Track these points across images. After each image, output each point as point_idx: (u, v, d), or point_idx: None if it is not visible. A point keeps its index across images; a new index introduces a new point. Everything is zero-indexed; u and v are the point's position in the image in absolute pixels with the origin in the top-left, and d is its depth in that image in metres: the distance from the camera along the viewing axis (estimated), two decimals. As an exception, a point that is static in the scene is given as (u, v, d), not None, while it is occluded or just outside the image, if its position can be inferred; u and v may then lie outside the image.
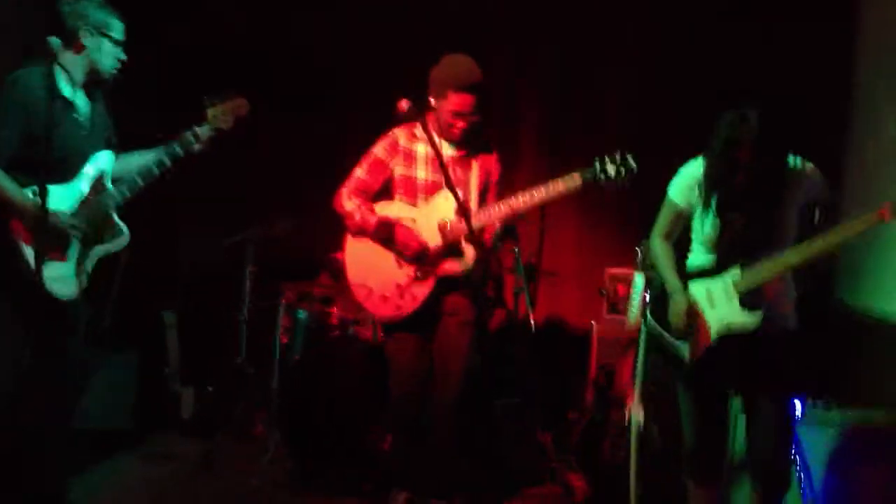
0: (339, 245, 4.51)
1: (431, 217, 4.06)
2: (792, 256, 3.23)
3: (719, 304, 3.38)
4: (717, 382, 3.48)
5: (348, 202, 4.13)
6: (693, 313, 3.41)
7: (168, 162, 3.77)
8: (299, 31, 6.07)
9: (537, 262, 5.66)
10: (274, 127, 5.85)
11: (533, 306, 5.33)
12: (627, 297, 4.81)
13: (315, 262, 5.73)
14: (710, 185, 3.35)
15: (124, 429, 5.21)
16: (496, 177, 4.25)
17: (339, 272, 5.51)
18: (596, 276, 5.42)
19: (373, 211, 4.11)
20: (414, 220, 4.07)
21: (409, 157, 4.15)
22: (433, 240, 4.04)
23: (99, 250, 3.69)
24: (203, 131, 3.85)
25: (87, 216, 3.60)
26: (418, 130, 4.11)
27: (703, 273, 3.45)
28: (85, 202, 3.62)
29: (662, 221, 3.60)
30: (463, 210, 3.72)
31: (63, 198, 3.55)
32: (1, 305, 3.55)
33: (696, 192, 3.43)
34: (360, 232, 4.12)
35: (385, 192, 4.22)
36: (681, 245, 3.62)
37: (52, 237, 3.48)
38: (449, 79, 3.98)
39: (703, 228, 3.44)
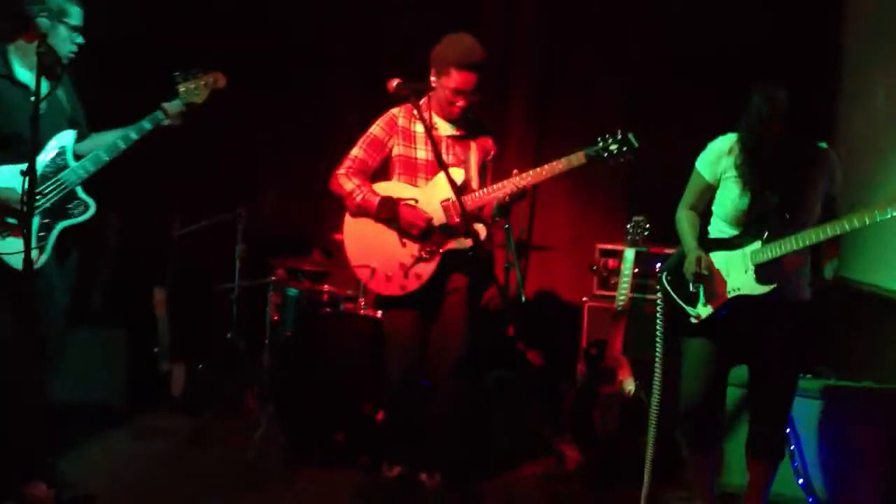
0: (335, 225, 4.52)
1: (434, 196, 4.05)
2: (811, 236, 3.29)
3: (734, 273, 3.46)
4: (728, 338, 3.53)
5: (348, 182, 4.11)
6: (709, 265, 3.48)
7: (135, 136, 3.82)
8: (285, 4, 6.03)
9: (528, 238, 5.70)
10: (261, 103, 5.84)
11: (524, 281, 5.37)
12: (618, 272, 4.83)
13: (306, 239, 5.74)
14: (744, 156, 3.44)
15: (115, 405, 5.23)
16: (491, 156, 4.28)
17: (332, 253, 5.57)
18: (586, 252, 5.43)
19: (373, 191, 4.09)
20: (416, 200, 4.06)
21: (409, 137, 4.14)
22: (437, 218, 4.04)
23: (62, 224, 3.76)
24: (173, 106, 3.89)
25: (44, 193, 3.66)
26: (416, 110, 4.08)
27: (722, 245, 3.54)
28: (43, 179, 3.68)
29: (689, 194, 3.71)
30: (456, 189, 3.73)
31: (18, 177, 3.55)
32: None
33: (722, 166, 3.53)
34: (362, 212, 4.10)
35: (380, 171, 4.22)
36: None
37: (4, 215, 3.61)
38: (452, 56, 3.98)
39: (731, 201, 3.51)
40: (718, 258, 3.51)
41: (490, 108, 5.10)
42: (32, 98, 3.62)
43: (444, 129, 4.15)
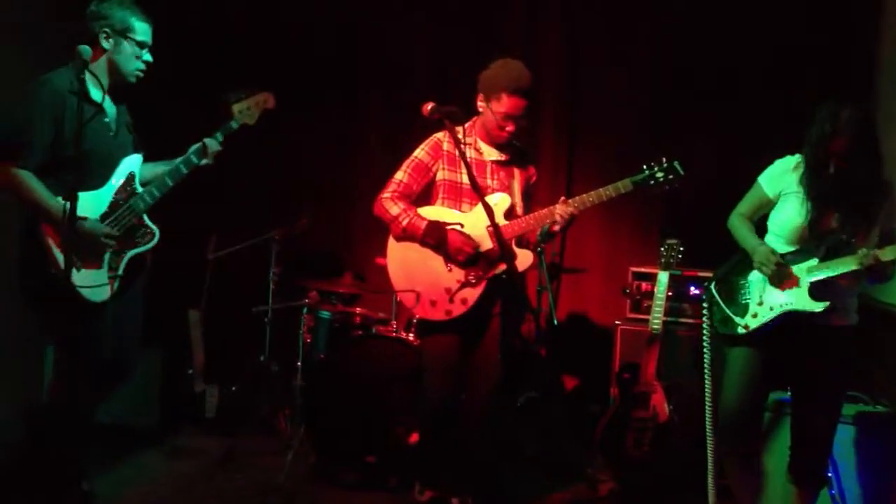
0: (372, 248, 4.54)
1: (479, 221, 4.03)
2: (869, 257, 3.27)
3: (788, 288, 3.44)
4: (773, 355, 3.52)
5: (393, 206, 4.09)
6: (781, 260, 3.47)
7: (196, 160, 3.80)
8: (321, 31, 6.10)
9: (560, 261, 5.68)
10: (296, 128, 5.90)
11: (556, 304, 5.35)
12: (651, 296, 4.80)
13: (339, 262, 5.77)
14: (808, 174, 3.45)
15: (149, 425, 5.27)
16: (533, 181, 4.31)
17: (364, 276, 5.60)
18: (619, 275, 5.40)
19: (419, 215, 4.08)
20: (461, 225, 4.05)
21: (454, 162, 4.13)
22: (483, 244, 4.04)
23: (131, 253, 3.71)
24: (228, 128, 3.87)
25: (117, 220, 3.62)
26: (462, 134, 4.06)
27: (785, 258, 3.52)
28: (115, 206, 3.63)
29: (746, 204, 3.73)
30: (492, 214, 3.67)
31: (94, 204, 3.57)
32: (35, 308, 3.63)
33: (785, 182, 3.55)
34: (407, 237, 4.08)
35: (421, 195, 4.22)
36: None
37: (84, 246, 3.50)
38: (503, 81, 4.00)
39: (792, 219, 3.51)
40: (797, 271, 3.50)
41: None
42: (105, 119, 3.64)
43: (489, 153, 4.16)
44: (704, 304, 3.71)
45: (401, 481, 4.48)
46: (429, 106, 3.79)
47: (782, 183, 3.57)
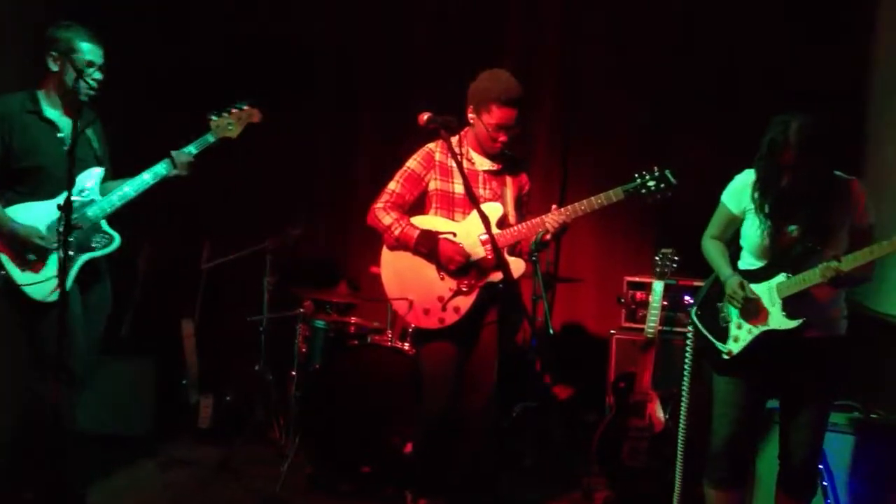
0: (366, 257, 4.54)
1: (471, 231, 4.06)
2: (833, 268, 3.23)
3: (771, 306, 3.43)
4: (760, 375, 3.50)
5: (386, 216, 4.11)
6: (751, 293, 3.44)
7: (164, 171, 3.92)
8: (315, 41, 6.11)
9: (555, 270, 5.69)
10: (290, 137, 5.91)
11: (551, 313, 5.36)
12: (646, 305, 4.81)
13: (334, 271, 5.77)
14: (759, 187, 3.43)
15: (143, 435, 5.25)
16: (526, 190, 4.31)
17: (359, 285, 5.59)
18: (614, 284, 5.41)
19: (412, 224, 4.10)
20: (454, 234, 4.07)
21: (446, 172, 4.15)
22: (475, 253, 4.05)
23: (85, 256, 3.83)
24: (204, 141, 4.00)
25: (70, 228, 3.65)
26: (453, 144, 4.10)
27: (750, 277, 3.50)
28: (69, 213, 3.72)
29: (714, 224, 3.71)
30: (487, 224, 3.63)
31: (45, 213, 3.75)
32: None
33: (748, 198, 3.50)
34: (400, 246, 4.10)
35: (415, 205, 4.23)
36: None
37: (26, 251, 3.71)
38: (493, 93, 4.00)
39: (754, 235, 3.49)
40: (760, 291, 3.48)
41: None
42: (59, 135, 3.82)
43: (481, 163, 4.17)
44: (689, 331, 3.71)
45: (396, 491, 4.47)
46: (425, 116, 3.78)
47: (744, 198, 3.53)
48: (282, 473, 4.59)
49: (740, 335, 3.50)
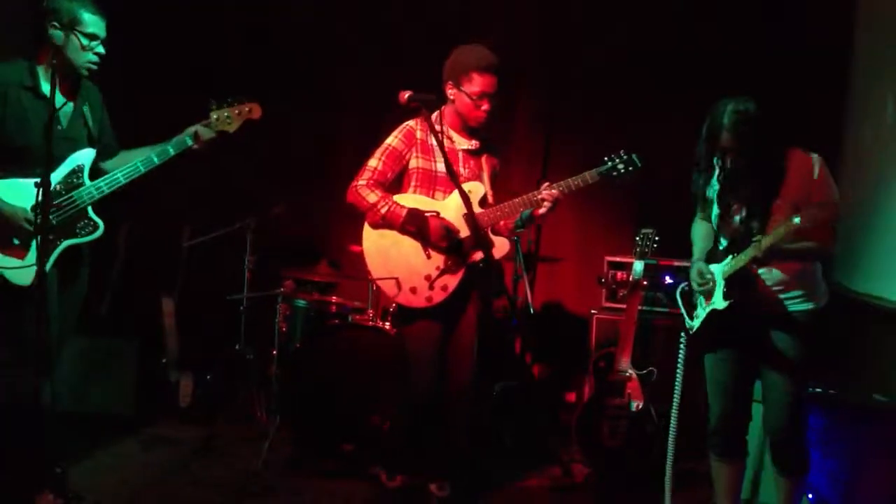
0: (345, 236, 4.53)
1: (454, 209, 4.05)
2: (754, 248, 3.32)
3: (717, 287, 3.52)
4: (738, 351, 3.59)
5: (370, 194, 4.06)
6: (704, 276, 3.56)
7: (157, 161, 3.81)
8: (296, 23, 6.08)
9: (536, 250, 5.70)
10: (271, 116, 5.84)
11: (532, 293, 5.38)
12: (626, 285, 4.83)
13: (315, 251, 5.75)
14: (697, 169, 3.57)
15: (124, 414, 5.24)
16: (497, 172, 4.33)
17: (340, 264, 5.58)
18: (595, 264, 5.43)
19: (398, 203, 4.07)
20: (437, 213, 4.06)
21: (427, 150, 4.14)
22: (461, 231, 4.06)
23: (67, 242, 3.72)
24: (203, 132, 3.89)
25: (54, 211, 3.60)
26: (435, 123, 4.11)
27: (714, 259, 3.61)
28: (55, 197, 3.62)
29: (697, 207, 3.81)
30: (469, 203, 3.73)
31: (30, 192, 3.53)
32: None
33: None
34: (385, 224, 4.07)
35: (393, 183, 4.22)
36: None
37: (10, 234, 3.58)
38: (472, 62, 4.02)
39: (714, 217, 3.60)
40: (715, 270, 3.57)
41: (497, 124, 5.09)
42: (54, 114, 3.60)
43: (460, 142, 4.17)
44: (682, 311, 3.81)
45: (379, 469, 4.48)
46: (406, 94, 3.78)
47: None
48: (263, 452, 4.60)
49: (699, 313, 3.63)
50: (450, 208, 4.07)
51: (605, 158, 4.07)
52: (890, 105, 4.84)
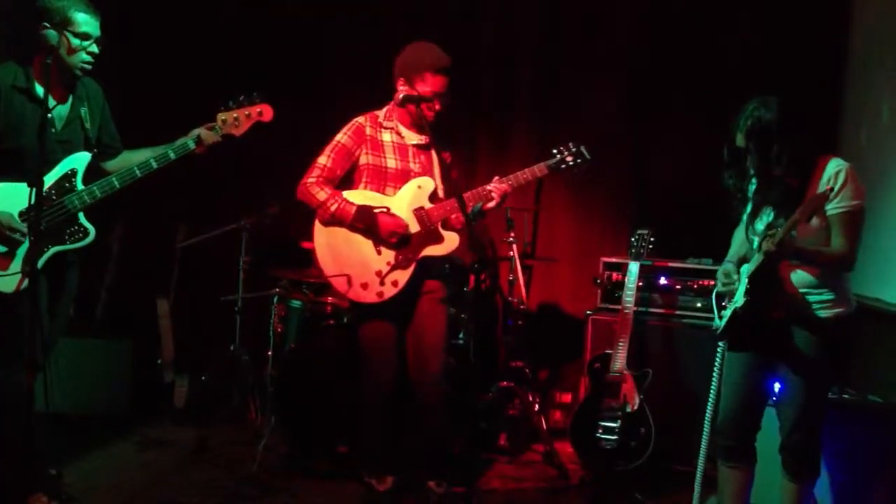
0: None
1: (403, 205, 4.12)
2: (771, 239, 3.29)
3: (740, 286, 3.51)
4: (756, 354, 3.57)
5: (320, 192, 4.13)
6: (729, 277, 3.58)
7: (156, 166, 3.74)
8: (290, 25, 6.06)
9: (531, 251, 5.71)
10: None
11: (527, 294, 5.39)
12: (622, 286, 4.83)
13: (310, 251, 5.73)
14: (726, 166, 3.54)
15: (119, 415, 5.25)
16: (455, 169, 4.41)
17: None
18: (590, 265, 5.42)
19: (347, 200, 4.12)
20: (387, 208, 4.11)
21: (377, 146, 4.20)
22: (411, 226, 4.10)
23: (55, 249, 3.64)
24: (207, 136, 3.82)
25: (44, 216, 3.50)
26: (382, 118, 4.22)
27: (744, 260, 3.61)
28: (46, 202, 3.53)
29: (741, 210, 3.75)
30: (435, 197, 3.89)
31: (18, 196, 3.47)
32: None
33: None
34: (335, 221, 4.13)
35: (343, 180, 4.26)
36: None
37: None
38: (428, 62, 4.09)
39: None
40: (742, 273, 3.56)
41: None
42: (49, 115, 3.54)
43: (410, 137, 4.24)
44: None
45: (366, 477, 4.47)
46: (401, 95, 3.83)
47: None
48: (257, 453, 4.59)
49: (725, 314, 3.60)
50: (399, 204, 4.12)
51: (554, 150, 4.17)
52: (885, 108, 4.84)
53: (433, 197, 4.17)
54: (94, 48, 3.66)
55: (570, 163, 4.15)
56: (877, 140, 4.93)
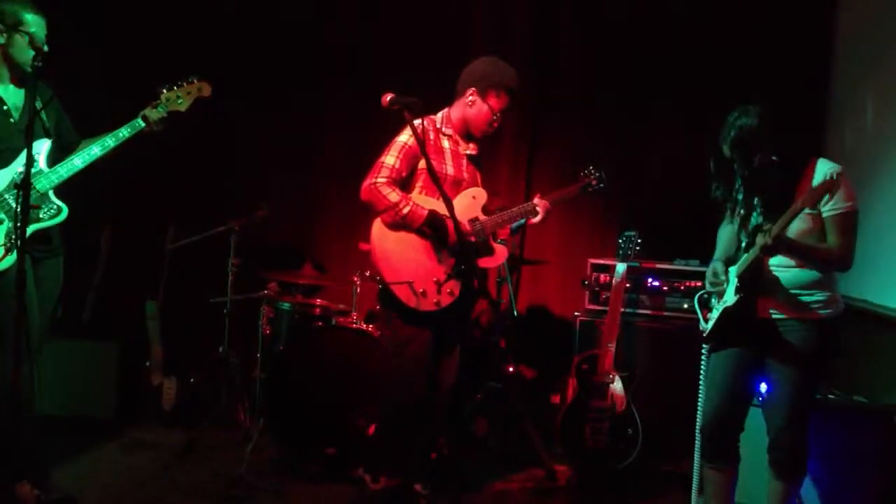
0: (325, 238, 4.52)
1: (462, 214, 4.00)
2: (767, 232, 3.32)
3: (729, 285, 3.54)
4: (741, 354, 3.59)
5: (392, 193, 3.94)
6: (717, 276, 3.62)
7: (112, 143, 3.92)
8: (280, 28, 6.06)
9: (520, 253, 5.72)
10: (255, 119, 5.88)
11: (515, 295, 5.40)
12: (609, 287, 4.85)
13: (299, 253, 5.74)
14: (715, 176, 3.60)
15: (106, 417, 5.24)
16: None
17: (325, 266, 5.57)
18: (578, 266, 5.44)
19: (418, 203, 3.97)
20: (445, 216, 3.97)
21: (439, 152, 4.10)
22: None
23: (33, 227, 3.78)
24: (153, 114, 3.98)
25: (15, 197, 3.67)
26: (440, 124, 4.15)
27: (735, 259, 3.61)
28: (14, 185, 3.69)
29: (727, 211, 3.79)
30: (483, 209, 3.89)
31: None
32: None
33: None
34: (403, 224, 3.96)
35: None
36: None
37: None
38: (505, 80, 4.09)
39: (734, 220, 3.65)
40: (731, 270, 3.58)
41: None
42: (5, 107, 3.84)
43: (464, 147, 4.19)
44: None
45: (361, 473, 4.46)
46: (388, 97, 3.70)
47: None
48: (246, 455, 4.58)
49: (712, 315, 3.62)
50: (458, 212, 3.93)
51: (583, 174, 4.46)
52: (869, 110, 4.87)
53: (486, 208, 4.12)
54: (45, 47, 3.85)
55: (595, 186, 4.45)
56: (862, 144, 4.96)
